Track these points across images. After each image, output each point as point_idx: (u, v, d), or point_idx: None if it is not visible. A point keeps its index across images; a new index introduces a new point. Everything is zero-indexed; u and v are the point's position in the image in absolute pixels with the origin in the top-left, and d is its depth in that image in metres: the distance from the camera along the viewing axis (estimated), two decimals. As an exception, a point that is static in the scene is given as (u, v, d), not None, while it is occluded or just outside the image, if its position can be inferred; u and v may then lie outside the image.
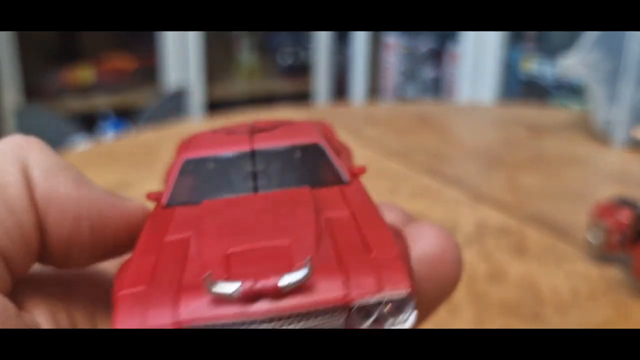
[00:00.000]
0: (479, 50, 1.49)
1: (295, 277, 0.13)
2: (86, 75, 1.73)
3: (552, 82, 1.40)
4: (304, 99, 1.93)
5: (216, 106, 1.72)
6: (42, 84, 1.68)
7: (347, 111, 0.89)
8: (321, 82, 1.95)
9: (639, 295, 0.36)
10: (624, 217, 0.38)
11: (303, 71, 1.97)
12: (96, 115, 1.66)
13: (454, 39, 1.62)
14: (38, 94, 1.65)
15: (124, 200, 0.17)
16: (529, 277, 0.38)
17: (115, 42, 1.80)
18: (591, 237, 0.40)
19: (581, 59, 0.64)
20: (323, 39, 1.90)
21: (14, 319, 0.14)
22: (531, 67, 1.45)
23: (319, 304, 0.13)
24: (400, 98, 1.81)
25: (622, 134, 0.64)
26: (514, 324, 0.33)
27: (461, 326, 0.33)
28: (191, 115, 1.67)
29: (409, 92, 1.80)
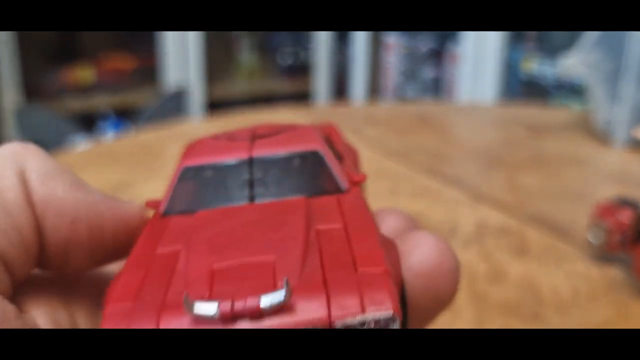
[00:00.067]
0: (479, 50, 1.49)
1: (275, 299, 0.12)
2: (86, 75, 1.73)
3: (552, 82, 1.40)
4: (304, 99, 1.93)
5: (216, 106, 1.72)
6: (42, 84, 1.68)
7: (347, 111, 0.89)
8: (321, 82, 1.95)
9: (639, 296, 0.36)
10: (624, 217, 0.38)
11: (303, 71, 1.97)
12: (96, 115, 1.66)
13: (454, 39, 1.62)
14: (38, 94, 1.65)
15: (121, 203, 0.17)
16: (529, 277, 0.38)
17: (115, 42, 1.81)
18: (592, 237, 0.40)
19: (582, 58, 0.64)
20: (323, 39, 1.90)
21: (14, 321, 0.14)
22: (532, 67, 1.45)
23: (299, 324, 0.13)
24: (400, 98, 1.81)
25: (622, 133, 0.64)
26: (514, 324, 0.33)
27: (461, 326, 0.33)
28: (191, 115, 1.67)
29: (409, 92, 1.80)
